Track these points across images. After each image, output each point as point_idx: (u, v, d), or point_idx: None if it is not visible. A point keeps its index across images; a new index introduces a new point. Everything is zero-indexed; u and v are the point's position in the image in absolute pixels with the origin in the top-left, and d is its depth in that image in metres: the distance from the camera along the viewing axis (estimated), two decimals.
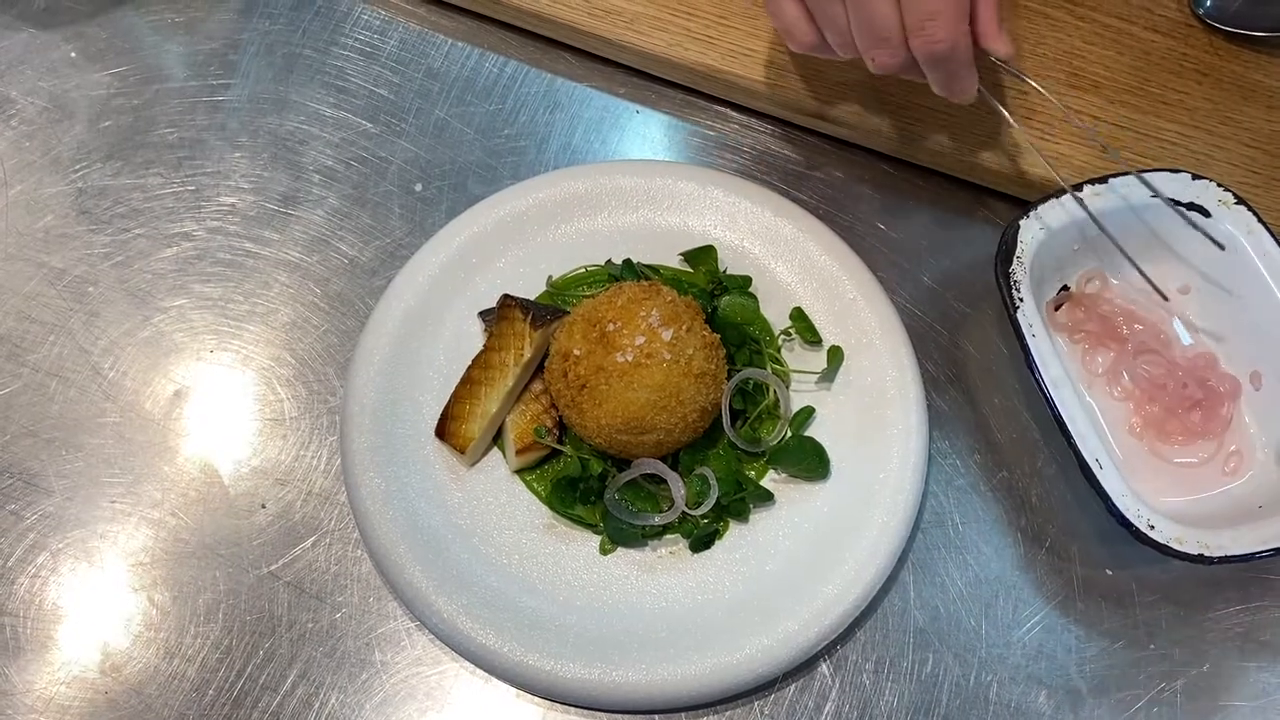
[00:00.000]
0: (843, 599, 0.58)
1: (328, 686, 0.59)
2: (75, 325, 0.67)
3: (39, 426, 0.65)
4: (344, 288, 0.69)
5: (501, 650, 0.57)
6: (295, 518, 0.63)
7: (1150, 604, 0.62)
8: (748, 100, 0.73)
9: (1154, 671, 0.61)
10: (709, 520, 0.61)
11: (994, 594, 0.62)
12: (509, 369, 0.62)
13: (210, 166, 0.72)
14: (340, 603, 0.61)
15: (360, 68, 0.75)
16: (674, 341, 0.58)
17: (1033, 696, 0.60)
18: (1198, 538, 0.57)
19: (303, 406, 0.66)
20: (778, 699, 0.60)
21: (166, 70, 0.75)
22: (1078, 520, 0.64)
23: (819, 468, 0.62)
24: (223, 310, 0.68)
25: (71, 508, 0.63)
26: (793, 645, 0.58)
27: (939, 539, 0.63)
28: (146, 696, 0.59)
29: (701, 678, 0.57)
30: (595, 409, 0.58)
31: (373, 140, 0.73)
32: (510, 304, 0.63)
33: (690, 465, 0.62)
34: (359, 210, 0.71)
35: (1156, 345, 0.65)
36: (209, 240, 0.70)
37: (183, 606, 0.61)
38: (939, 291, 0.69)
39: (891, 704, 0.60)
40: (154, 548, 0.62)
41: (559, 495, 0.61)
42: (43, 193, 0.70)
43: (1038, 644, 0.61)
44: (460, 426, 0.61)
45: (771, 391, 0.63)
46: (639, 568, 0.61)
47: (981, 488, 0.65)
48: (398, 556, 0.59)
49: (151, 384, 0.66)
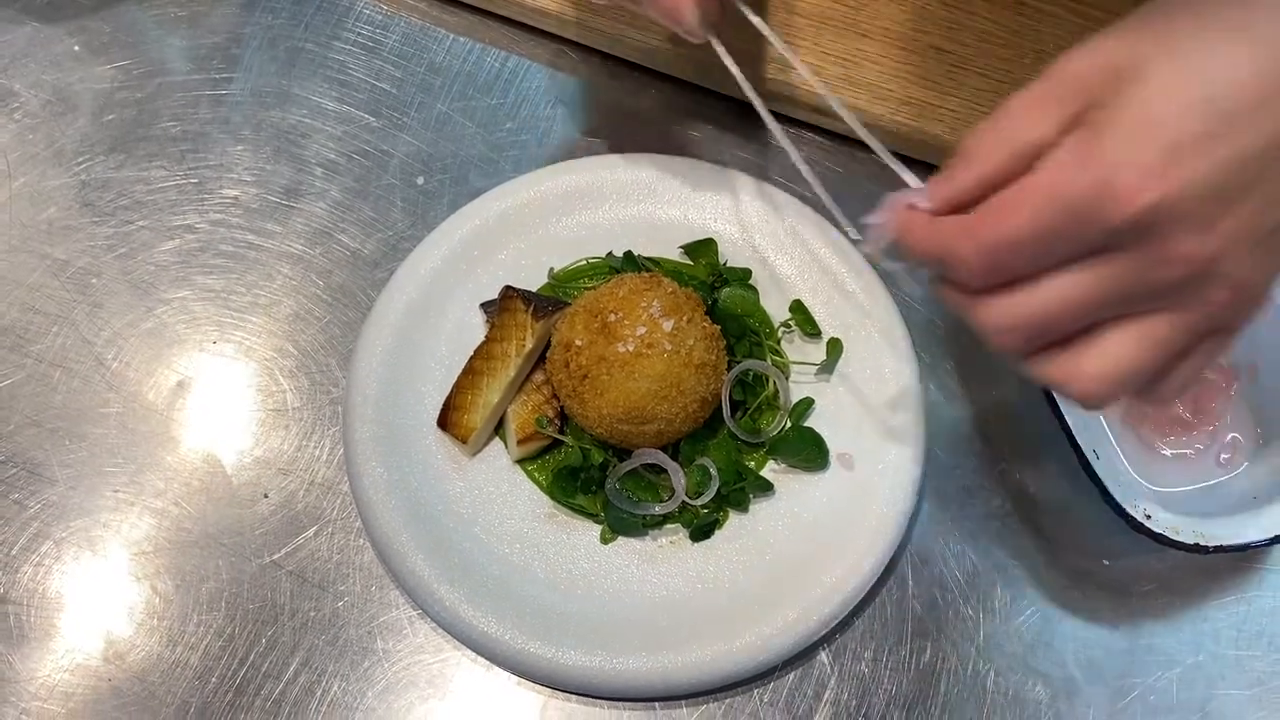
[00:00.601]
0: (841, 588, 0.59)
1: (330, 674, 0.60)
2: (78, 316, 0.67)
3: (42, 416, 0.65)
4: (346, 280, 0.69)
5: (503, 638, 0.58)
6: (298, 507, 0.63)
7: (1146, 594, 0.63)
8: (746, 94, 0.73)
9: (1150, 660, 0.61)
10: (709, 510, 0.61)
11: (991, 584, 0.63)
12: (510, 359, 0.62)
13: (213, 159, 0.72)
14: (342, 591, 0.61)
15: (362, 62, 0.75)
16: (675, 332, 0.59)
17: (1030, 685, 0.61)
18: (1194, 528, 0.57)
19: (305, 397, 0.66)
20: (777, 687, 0.60)
21: (169, 64, 0.75)
22: (1075, 511, 0.64)
23: (818, 458, 0.62)
24: (225, 302, 0.68)
25: (75, 497, 0.63)
26: (792, 633, 0.58)
27: (937, 529, 0.64)
28: (149, 684, 0.59)
29: (701, 665, 0.58)
30: (596, 399, 0.59)
31: (375, 134, 0.73)
32: (512, 295, 0.64)
33: (691, 455, 0.62)
34: (361, 203, 0.71)
35: None
36: (212, 232, 0.70)
37: (185, 595, 0.61)
38: None
39: (890, 692, 0.60)
40: (157, 537, 0.63)
41: (560, 485, 0.62)
42: (46, 185, 0.71)
43: (1035, 633, 0.62)
44: (462, 417, 0.62)
45: (771, 383, 0.64)
46: (639, 557, 0.61)
47: (979, 478, 0.65)
48: (400, 545, 0.59)
49: (154, 375, 0.66)
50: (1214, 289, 0.39)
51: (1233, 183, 0.37)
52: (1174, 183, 0.36)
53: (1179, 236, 0.37)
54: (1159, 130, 0.37)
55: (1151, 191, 0.36)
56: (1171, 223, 0.37)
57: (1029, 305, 0.40)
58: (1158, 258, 0.38)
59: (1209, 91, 0.37)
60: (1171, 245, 0.37)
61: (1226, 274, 0.38)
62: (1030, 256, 0.39)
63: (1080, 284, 0.39)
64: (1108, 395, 0.41)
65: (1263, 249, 0.39)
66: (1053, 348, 0.41)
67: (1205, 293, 0.39)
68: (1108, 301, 0.39)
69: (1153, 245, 0.38)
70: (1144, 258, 0.38)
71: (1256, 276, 0.39)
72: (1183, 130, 0.37)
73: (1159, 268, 0.38)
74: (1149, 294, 0.39)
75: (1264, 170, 0.37)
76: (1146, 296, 0.39)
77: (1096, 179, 0.37)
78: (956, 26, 0.72)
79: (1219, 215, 0.37)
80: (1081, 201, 0.37)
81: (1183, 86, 0.37)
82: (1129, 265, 0.38)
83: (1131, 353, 0.40)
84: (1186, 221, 0.37)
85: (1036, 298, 0.40)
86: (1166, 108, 0.37)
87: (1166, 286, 0.39)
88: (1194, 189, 0.37)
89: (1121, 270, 0.38)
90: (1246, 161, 0.37)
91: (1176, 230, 0.37)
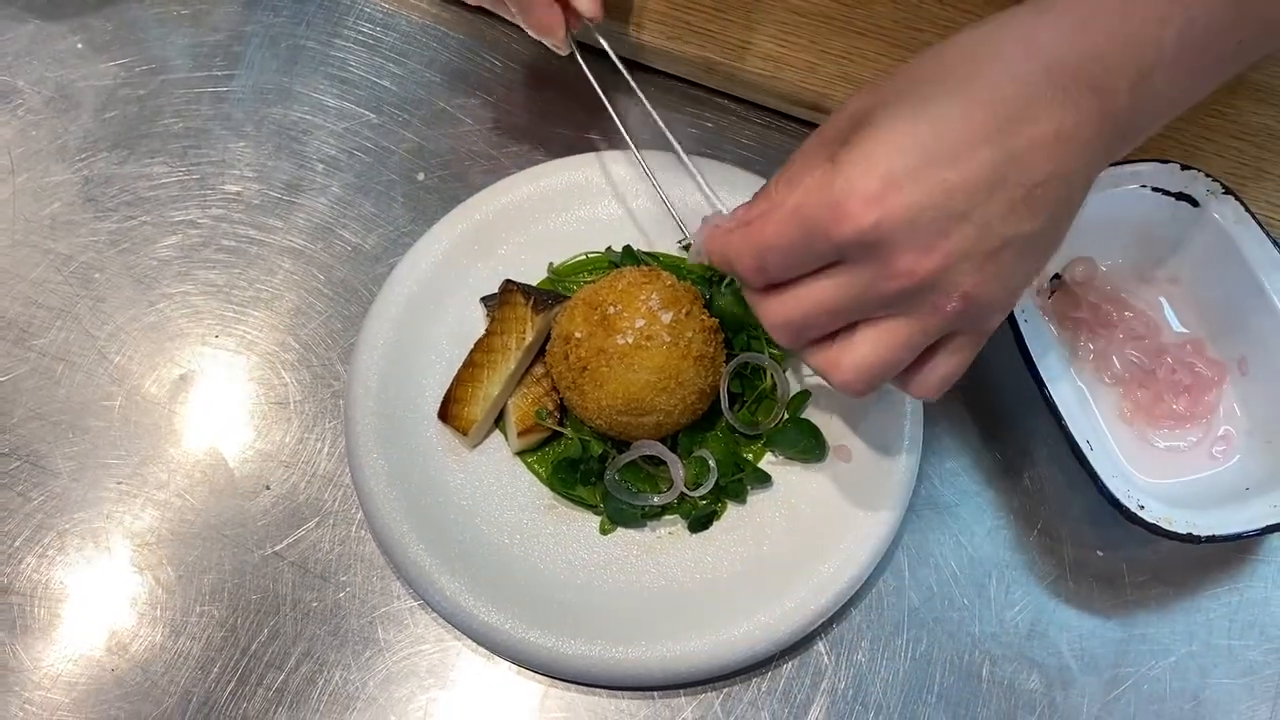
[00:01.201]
0: (838, 578, 0.60)
1: (331, 664, 0.60)
2: (81, 310, 0.68)
3: (46, 410, 0.65)
4: (347, 274, 0.70)
5: (503, 628, 0.58)
6: (299, 499, 0.64)
7: (1140, 584, 0.63)
8: (746, 92, 0.74)
9: (1144, 650, 0.62)
10: (707, 501, 0.62)
11: (987, 574, 0.63)
12: (511, 352, 0.63)
13: (215, 155, 0.73)
14: (344, 582, 0.62)
15: (363, 59, 0.76)
16: (674, 324, 0.59)
17: (1025, 675, 0.61)
18: (1186, 518, 0.58)
19: (306, 390, 0.66)
20: (774, 676, 0.61)
21: (171, 61, 0.76)
22: (1069, 502, 0.65)
23: (816, 450, 0.63)
24: (227, 296, 0.69)
25: (78, 489, 0.64)
26: (789, 624, 0.59)
27: (933, 520, 0.64)
28: (152, 674, 0.60)
29: (699, 655, 0.58)
30: (596, 390, 0.59)
31: (375, 130, 0.74)
32: (512, 288, 0.64)
33: (689, 447, 0.63)
34: (362, 199, 0.72)
35: (1146, 332, 0.66)
36: (214, 227, 0.71)
37: (188, 586, 0.62)
38: None
39: (886, 681, 0.61)
40: (159, 528, 0.63)
41: (560, 476, 0.62)
42: (49, 180, 0.71)
43: (1030, 623, 0.62)
44: (463, 409, 0.62)
45: (769, 375, 0.64)
46: (638, 547, 0.62)
47: (975, 471, 0.66)
48: (401, 536, 0.60)
49: (157, 368, 0.67)
50: (941, 298, 0.45)
51: (946, 209, 0.43)
52: (889, 208, 0.43)
53: (899, 253, 0.43)
54: (879, 165, 0.43)
55: (870, 214, 0.43)
56: (892, 242, 0.43)
57: (791, 305, 0.48)
58: (883, 271, 0.44)
59: (922, 134, 0.43)
60: (892, 261, 0.44)
61: (953, 284, 0.44)
62: (783, 263, 0.47)
63: (825, 290, 0.46)
64: (861, 385, 0.48)
65: (993, 265, 0.44)
66: (822, 341, 0.49)
67: (934, 300, 0.45)
68: (848, 306, 0.46)
69: (878, 260, 0.44)
70: (871, 270, 0.44)
71: (991, 288, 0.45)
72: (897, 165, 0.43)
73: (885, 280, 0.44)
74: (881, 301, 0.45)
75: (976, 200, 0.43)
76: (880, 304, 0.46)
77: (827, 201, 0.44)
78: (953, 25, 0.73)
79: (936, 236, 0.43)
80: (815, 220, 0.44)
81: (902, 130, 0.43)
82: (860, 276, 0.45)
83: (876, 350, 0.47)
84: (905, 242, 0.43)
85: (796, 299, 0.47)
86: (887, 146, 0.43)
87: (895, 295, 0.45)
88: (908, 213, 0.43)
89: (854, 279, 0.45)
90: (954, 192, 0.43)
91: (896, 248, 0.43)
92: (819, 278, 0.46)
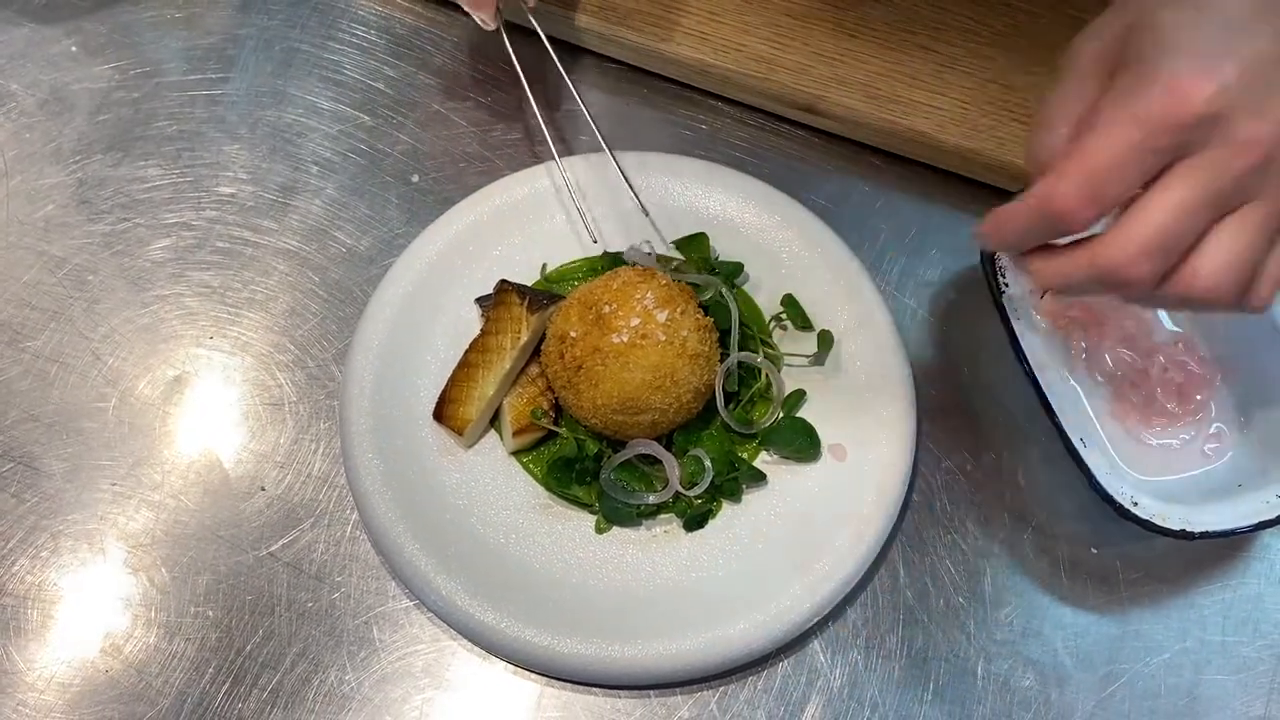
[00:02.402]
0: (833, 577, 0.60)
1: (327, 664, 0.60)
2: (75, 312, 0.68)
3: (39, 411, 0.65)
4: (342, 276, 0.70)
5: (499, 627, 0.58)
6: (294, 500, 0.64)
7: (1134, 581, 0.64)
8: (740, 94, 0.74)
9: (1138, 646, 0.62)
10: (703, 500, 0.62)
11: (981, 572, 0.63)
12: (506, 352, 0.63)
13: (209, 158, 0.73)
14: (339, 583, 0.62)
15: (357, 62, 0.76)
16: (669, 323, 0.59)
17: (1020, 672, 0.61)
18: (1180, 514, 0.58)
19: (301, 391, 0.66)
20: (770, 674, 0.61)
21: (166, 64, 0.76)
22: (1063, 500, 0.65)
23: (810, 449, 0.63)
24: (221, 298, 0.69)
25: (71, 491, 0.64)
26: (785, 622, 0.59)
27: (928, 519, 0.65)
28: (147, 675, 0.60)
29: (695, 653, 0.58)
30: (591, 389, 0.59)
31: (370, 133, 0.74)
32: (507, 289, 0.64)
33: (684, 446, 0.63)
34: (356, 200, 0.72)
35: (1138, 331, 0.67)
36: (208, 230, 0.71)
37: (182, 587, 0.62)
38: (927, 279, 0.71)
39: (882, 679, 0.61)
40: (154, 530, 0.63)
41: (555, 476, 0.62)
42: (43, 183, 0.71)
43: (1024, 621, 0.63)
44: (458, 409, 0.62)
45: (764, 374, 0.64)
46: (634, 546, 0.62)
47: (969, 469, 0.66)
48: (396, 536, 0.60)
49: (151, 370, 0.67)
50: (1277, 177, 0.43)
51: (1265, 77, 0.42)
52: (1224, 76, 0.42)
53: (1241, 123, 0.42)
54: (1189, 47, 0.42)
55: (1208, 85, 0.42)
56: (1232, 112, 0.42)
57: (1145, 226, 0.43)
58: (1229, 149, 0.42)
59: (1214, 20, 0.43)
60: (1236, 132, 0.42)
61: None
62: (1122, 177, 0.43)
63: (1179, 191, 0.43)
64: (1233, 281, 0.44)
65: None
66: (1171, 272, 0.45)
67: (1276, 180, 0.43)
68: (1207, 199, 0.43)
69: (1222, 136, 0.42)
70: (1216, 150, 0.42)
71: None
72: (1207, 42, 0.42)
73: (1234, 158, 0.42)
74: (1235, 184, 0.43)
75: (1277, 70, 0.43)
76: (1234, 187, 0.43)
77: (1160, 91, 0.42)
78: (944, 27, 0.73)
79: (1263, 104, 0.42)
80: (1151, 113, 0.42)
81: (1191, 21, 0.43)
82: (1208, 160, 0.43)
83: (1237, 239, 0.44)
84: (1245, 107, 0.42)
85: (1150, 216, 0.43)
86: (1190, 31, 0.43)
87: (1246, 172, 0.43)
88: (1241, 80, 0.42)
89: (1208, 166, 0.43)
90: (1263, 61, 0.42)
91: (1236, 118, 0.42)
92: (1167, 185, 0.43)
